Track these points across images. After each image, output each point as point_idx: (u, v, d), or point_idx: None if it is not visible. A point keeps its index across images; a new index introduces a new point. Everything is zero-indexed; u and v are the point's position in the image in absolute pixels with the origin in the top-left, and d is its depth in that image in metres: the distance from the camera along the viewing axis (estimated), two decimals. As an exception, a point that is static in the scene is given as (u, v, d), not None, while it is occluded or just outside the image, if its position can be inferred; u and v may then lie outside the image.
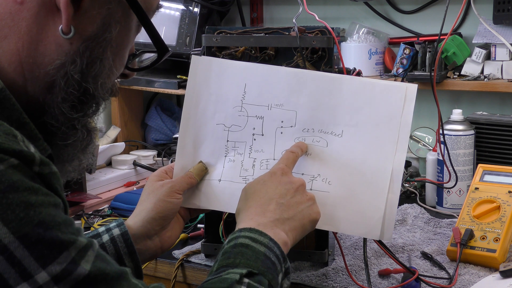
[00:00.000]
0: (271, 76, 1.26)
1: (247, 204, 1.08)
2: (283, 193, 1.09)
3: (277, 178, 1.11)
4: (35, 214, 0.73)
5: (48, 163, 0.78)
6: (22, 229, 0.72)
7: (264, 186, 1.10)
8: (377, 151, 1.21)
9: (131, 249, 1.14)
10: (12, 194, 0.73)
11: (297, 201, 1.09)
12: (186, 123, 1.29)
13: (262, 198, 1.08)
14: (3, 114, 0.79)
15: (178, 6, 2.27)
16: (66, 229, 0.76)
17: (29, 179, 0.75)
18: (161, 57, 0.97)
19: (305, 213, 1.09)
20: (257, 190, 1.09)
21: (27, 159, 0.75)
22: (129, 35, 0.91)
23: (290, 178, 1.12)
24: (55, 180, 0.79)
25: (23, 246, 0.72)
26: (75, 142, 0.90)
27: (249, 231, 1.01)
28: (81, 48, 0.85)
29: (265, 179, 1.11)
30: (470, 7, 2.06)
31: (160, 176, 1.26)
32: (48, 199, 0.76)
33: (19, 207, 0.73)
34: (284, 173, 1.12)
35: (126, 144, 2.30)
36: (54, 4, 0.84)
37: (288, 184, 1.10)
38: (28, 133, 0.81)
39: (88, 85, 0.87)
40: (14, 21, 0.83)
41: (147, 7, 0.90)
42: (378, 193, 1.20)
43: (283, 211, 1.07)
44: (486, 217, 1.47)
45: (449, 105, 2.10)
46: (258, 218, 1.04)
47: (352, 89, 1.23)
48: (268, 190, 1.09)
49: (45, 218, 0.74)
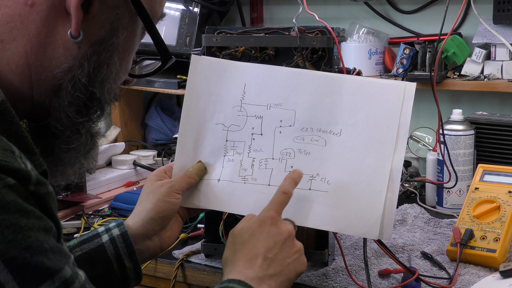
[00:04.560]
0: (270, 76, 1.26)
1: (235, 256, 1.07)
2: (270, 247, 1.07)
3: (266, 228, 1.09)
4: (23, 238, 0.72)
5: (45, 182, 0.77)
6: (8, 252, 0.71)
7: (252, 238, 1.08)
8: (376, 150, 1.21)
9: (131, 249, 1.14)
10: (3, 215, 0.71)
11: (285, 255, 1.08)
12: (186, 123, 1.29)
13: (250, 252, 1.07)
14: (2, 126, 0.79)
15: (178, 6, 2.27)
16: (53, 256, 0.74)
17: (23, 200, 0.73)
18: (165, 64, 0.98)
19: (291, 267, 1.09)
20: (245, 241, 1.08)
21: (24, 178, 0.74)
22: (134, 41, 0.92)
23: (279, 228, 1.10)
24: (50, 200, 0.77)
25: (8, 269, 0.71)
26: (79, 147, 0.90)
27: (237, 283, 1.01)
28: (89, 52, 0.86)
29: (254, 229, 1.09)
30: (470, 7, 2.06)
31: (159, 176, 1.26)
32: (38, 223, 0.74)
33: (8, 229, 0.71)
34: (273, 223, 1.10)
35: (126, 144, 2.30)
36: (64, 7, 0.84)
37: (276, 236, 1.09)
38: (25, 147, 0.80)
39: (95, 90, 0.87)
40: (24, 24, 0.83)
41: (152, 15, 0.91)
42: (377, 193, 1.19)
43: (270, 267, 1.06)
44: (486, 217, 1.47)
45: (449, 105, 2.10)
46: (246, 272, 1.04)
47: (351, 89, 1.23)
48: (256, 243, 1.08)
49: (33, 242, 0.73)
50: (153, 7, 0.91)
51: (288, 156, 1.24)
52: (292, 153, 1.24)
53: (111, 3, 0.86)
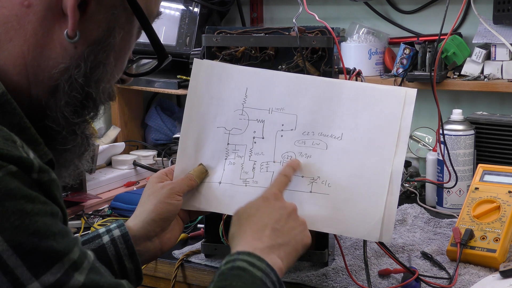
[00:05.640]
0: (272, 81, 1.27)
1: (242, 229, 1.08)
2: (277, 219, 1.09)
3: (271, 203, 1.11)
4: (30, 223, 0.73)
5: (48, 170, 0.77)
6: (16, 237, 0.72)
7: (258, 211, 1.09)
8: (376, 153, 1.21)
9: (132, 250, 1.14)
10: (8, 202, 0.72)
11: (291, 226, 1.09)
12: (187, 126, 1.30)
13: (257, 224, 1.07)
14: (4, 118, 0.79)
15: (178, 6, 2.27)
16: (62, 239, 0.75)
17: (27, 187, 0.74)
18: (162, 63, 0.98)
19: (298, 238, 1.10)
20: (251, 215, 1.09)
21: (26, 165, 0.75)
22: (130, 40, 0.92)
23: (283, 203, 1.12)
24: (54, 187, 0.78)
25: (17, 255, 0.71)
26: (74, 148, 0.90)
27: (247, 255, 1.00)
28: (86, 52, 0.86)
29: (259, 204, 1.11)
30: (470, 7, 2.06)
31: (160, 178, 1.26)
32: (45, 208, 0.75)
33: (14, 215, 0.72)
34: (277, 198, 1.12)
35: (126, 144, 2.30)
36: (61, 8, 0.84)
37: (281, 209, 1.10)
38: (29, 137, 0.80)
39: (91, 90, 0.87)
40: (20, 24, 0.83)
41: (148, 14, 0.91)
42: (378, 195, 1.20)
43: (278, 237, 1.07)
44: (486, 217, 1.47)
45: (449, 105, 2.10)
46: (255, 243, 1.04)
47: (352, 94, 1.24)
48: (262, 216, 1.08)
49: (41, 227, 0.73)
50: (149, 6, 0.91)
51: (289, 160, 1.25)
52: (293, 156, 1.25)
53: (108, 3, 0.86)
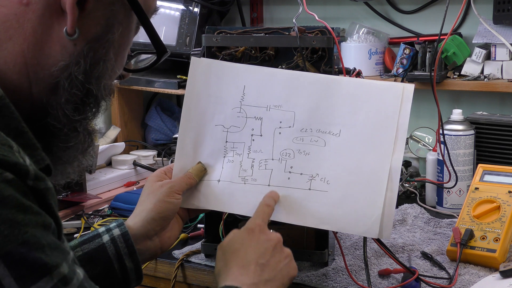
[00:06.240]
0: (269, 78, 1.27)
1: (228, 264, 1.07)
2: (262, 253, 1.08)
3: (255, 236, 1.10)
4: (19, 233, 0.71)
5: (43, 178, 0.76)
6: (5, 247, 0.70)
7: (243, 246, 1.08)
8: (375, 150, 1.21)
9: (132, 249, 1.14)
10: (0, 210, 0.71)
11: (277, 260, 1.09)
12: (186, 124, 1.30)
13: (243, 259, 1.07)
14: (1, 122, 0.78)
15: (178, 6, 2.27)
16: (51, 252, 0.74)
17: (22, 195, 0.73)
18: (160, 58, 0.98)
19: (284, 272, 1.09)
20: (237, 250, 1.08)
21: (22, 172, 0.74)
22: (129, 36, 0.92)
23: (268, 235, 1.11)
24: (50, 196, 0.77)
25: (4, 264, 0.70)
26: (77, 145, 0.90)
27: None
28: (85, 49, 0.86)
29: (243, 237, 1.10)
30: (470, 7, 2.06)
31: (159, 177, 1.26)
32: (36, 219, 0.74)
33: (4, 224, 0.71)
34: (261, 231, 1.11)
35: (126, 144, 2.30)
36: (59, 6, 0.84)
37: (266, 242, 1.09)
38: (26, 142, 0.80)
39: (91, 86, 0.87)
40: (19, 23, 0.83)
41: (146, 9, 0.91)
42: (376, 192, 1.20)
43: (264, 272, 1.06)
44: (486, 217, 1.47)
45: (449, 105, 2.10)
46: (242, 278, 1.04)
47: (350, 90, 1.24)
48: (247, 250, 1.08)
49: (30, 238, 0.72)
50: (147, 1, 0.92)
51: (287, 157, 1.25)
52: (292, 153, 1.25)
53: (106, 0, 0.86)
